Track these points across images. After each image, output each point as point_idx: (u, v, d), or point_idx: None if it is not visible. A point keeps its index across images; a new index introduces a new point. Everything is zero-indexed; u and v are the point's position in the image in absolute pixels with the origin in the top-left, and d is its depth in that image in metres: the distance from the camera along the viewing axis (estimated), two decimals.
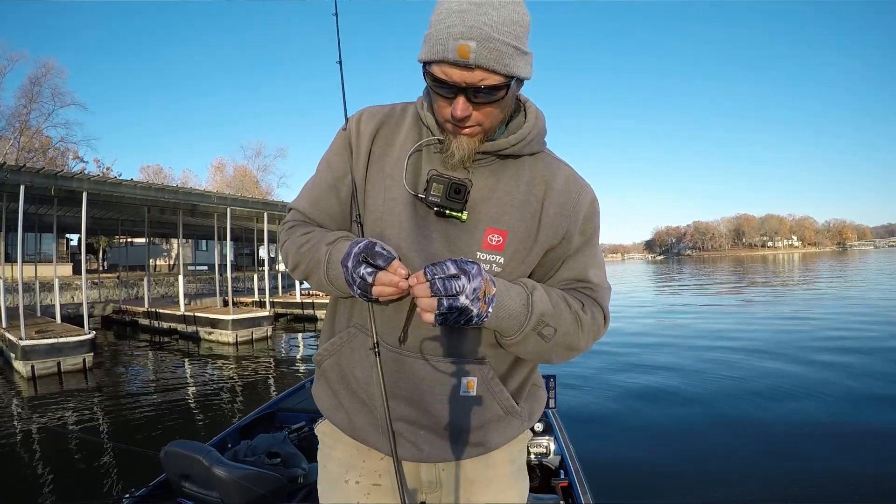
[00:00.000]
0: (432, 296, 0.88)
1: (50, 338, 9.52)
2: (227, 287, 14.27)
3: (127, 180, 11.09)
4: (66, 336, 9.72)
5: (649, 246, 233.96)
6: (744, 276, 39.29)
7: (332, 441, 1.19)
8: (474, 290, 0.89)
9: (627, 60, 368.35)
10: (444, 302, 0.88)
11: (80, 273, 29.87)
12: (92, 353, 9.88)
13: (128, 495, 2.49)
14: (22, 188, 9.77)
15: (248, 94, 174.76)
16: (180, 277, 14.63)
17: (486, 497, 1.14)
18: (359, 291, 0.94)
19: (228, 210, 13.83)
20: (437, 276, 0.88)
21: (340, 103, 1.14)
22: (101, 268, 35.81)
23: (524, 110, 1.10)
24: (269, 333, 13.46)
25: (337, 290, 1.05)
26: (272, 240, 24.23)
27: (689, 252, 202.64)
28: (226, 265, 19.83)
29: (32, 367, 9.16)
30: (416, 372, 1.06)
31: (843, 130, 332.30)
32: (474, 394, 1.08)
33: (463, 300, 0.88)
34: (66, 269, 30.86)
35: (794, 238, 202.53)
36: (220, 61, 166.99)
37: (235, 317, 12.74)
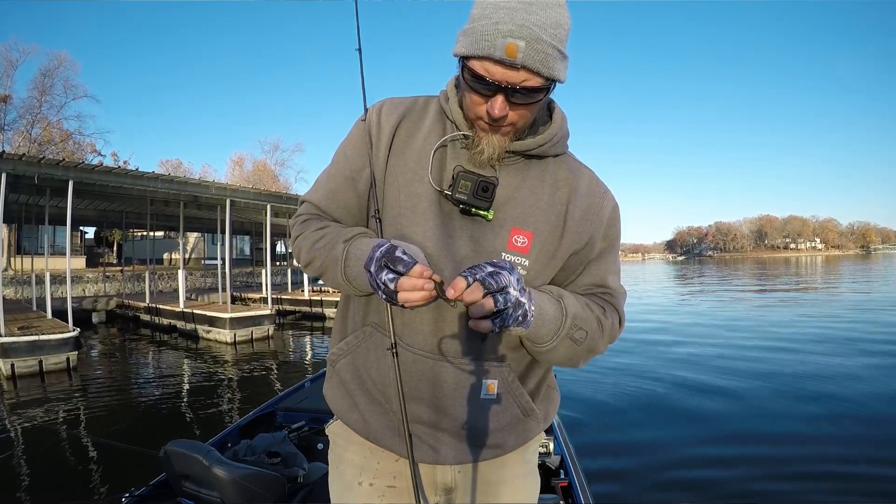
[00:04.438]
0: (486, 294, 0.84)
1: (32, 334, 8.97)
2: (228, 283, 13.51)
3: (116, 168, 10.51)
4: (49, 333, 9.13)
5: (670, 246, 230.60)
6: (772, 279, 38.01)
7: (344, 442, 1.16)
8: (518, 279, 0.88)
9: (648, 60, 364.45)
10: (500, 297, 0.84)
11: (93, 266, 30.20)
12: (76, 352, 9.28)
13: (128, 495, 2.47)
14: (4, 175, 9.24)
15: (268, 91, 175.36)
16: (180, 272, 14.00)
17: (502, 498, 1.13)
18: (384, 297, 0.90)
19: (228, 201, 13.15)
20: (480, 275, 0.85)
21: (356, 100, 1.13)
22: (116, 261, 35.64)
23: (549, 111, 1.08)
24: (270, 333, 12.75)
25: (355, 289, 1.03)
26: (276, 233, 23.75)
27: (710, 253, 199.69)
28: (234, 259, 19.25)
29: (13, 364, 8.62)
30: (435, 373, 1.03)
31: (867, 132, 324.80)
32: (495, 396, 1.05)
33: (513, 293, 0.86)
34: (80, 262, 30.91)
35: (818, 240, 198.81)
36: (239, 58, 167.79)
37: (233, 315, 12.03)
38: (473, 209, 0.99)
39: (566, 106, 1.09)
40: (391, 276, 0.87)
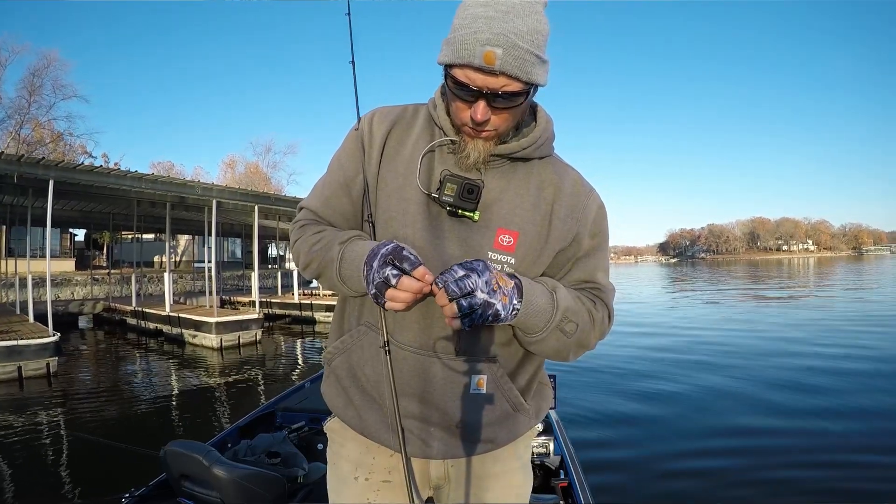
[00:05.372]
0: (450, 300, 0.89)
1: (10, 339, 8.72)
2: (214, 285, 13.25)
3: (98, 167, 10.21)
4: (28, 338, 8.89)
5: (663, 248, 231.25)
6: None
7: (341, 438, 1.19)
8: (486, 283, 0.91)
9: (640, 60, 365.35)
10: (463, 302, 0.89)
11: (83, 269, 29.75)
12: (56, 358, 9.05)
13: (128, 495, 2.48)
14: None
15: (260, 92, 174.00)
16: (166, 275, 13.74)
17: (493, 492, 1.15)
18: (374, 291, 0.94)
19: (214, 202, 12.89)
20: (448, 281, 0.90)
21: (350, 101, 1.16)
22: (106, 264, 35.20)
23: (534, 114, 1.13)
24: (257, 338, 12.47)
25: (349, 288, 1.07)
26: (267, 235, 23.45)
27: (703, 255, 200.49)
28: (225, 262, 18.97)
29: None
30: (426, 370, 1.06)
31: (860, 134, 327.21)
32: (484, 391, 1.09)
33: (480, 295, 0.90)
34: (70, 265, 30.44)
35: (810, 242, 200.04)
36: (231, 59, 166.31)
37: (219, 319, 11.75)
38: (460, 211, 1.04)
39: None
40: (395, 272, 0.91)
